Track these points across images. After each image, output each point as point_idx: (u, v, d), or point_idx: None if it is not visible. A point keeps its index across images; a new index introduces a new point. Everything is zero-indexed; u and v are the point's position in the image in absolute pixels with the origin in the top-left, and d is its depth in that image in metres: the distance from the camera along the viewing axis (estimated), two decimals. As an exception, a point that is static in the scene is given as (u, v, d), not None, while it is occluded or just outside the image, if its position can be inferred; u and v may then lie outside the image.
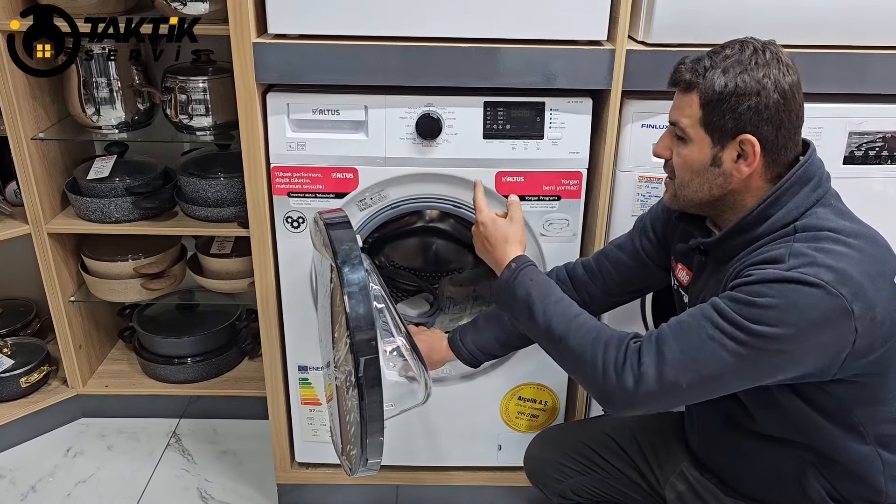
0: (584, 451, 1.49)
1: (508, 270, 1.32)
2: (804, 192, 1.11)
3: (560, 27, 1.45)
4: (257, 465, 2.09)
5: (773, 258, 1.06)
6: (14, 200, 2.09)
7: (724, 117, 1.09)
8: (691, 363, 1.06)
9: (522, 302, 1.26)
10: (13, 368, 2.15)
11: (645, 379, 1.07)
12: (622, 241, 1.45)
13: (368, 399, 1.14)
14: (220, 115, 1.94)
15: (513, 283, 1.29)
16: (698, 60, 1.12)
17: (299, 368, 1.76)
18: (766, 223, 1.11)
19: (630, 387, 1.08)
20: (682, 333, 1.08)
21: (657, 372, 1.07)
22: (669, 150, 1.18)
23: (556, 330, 1.19)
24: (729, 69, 1.08)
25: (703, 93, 1.10)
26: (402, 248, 2.10)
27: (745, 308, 1.04)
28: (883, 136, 1.51)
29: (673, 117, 1.16)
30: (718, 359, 1.05)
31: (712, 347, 1.05)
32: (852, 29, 1.46)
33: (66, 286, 2.11)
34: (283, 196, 1.57)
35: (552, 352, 1.22)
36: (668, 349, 1.08)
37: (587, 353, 1.14)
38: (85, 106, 1.95)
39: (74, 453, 2.14)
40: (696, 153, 1.14)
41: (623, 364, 1.10)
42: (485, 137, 1.52)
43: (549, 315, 1.21)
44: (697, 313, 1.09)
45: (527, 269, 1.31)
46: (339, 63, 1.45)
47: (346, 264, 1.17)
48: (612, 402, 1.12)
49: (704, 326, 1.06)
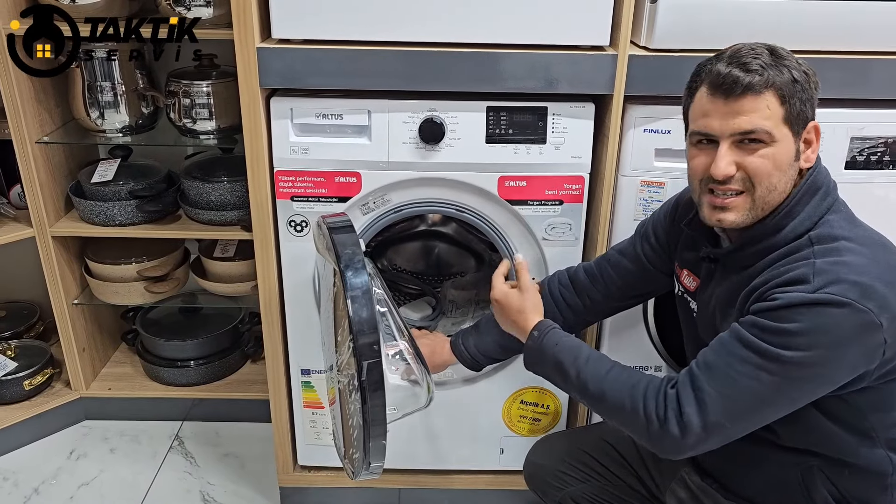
0: (583, 458, 1.49)
1: (532, 339, 1.30)
2: (815, 201, 1.11)
3: (563, 32, 1.45)
4: (260, 468, 2.09)
5: (797, 278, 1.04)
6: (18, 203, 2.09)
7: (804, 106, 1.08)
8: (730, 403, 1.06)
9: (552, 368, 1.26)
10: (16, 371, 2.15)
11: (690, 426, 1.07)
12: (624, 246, 1.45)
13: (371, 403, 1.15)
14: (224, 118, 1.95)
15: (539, 351, 1.28)
16: (745, 64, 1.06)
17: (302, 372, 1.76)
18: (780, 234, 1.11)
19: (677, 435, 1.08)
20: (715, 374, 1.07)
21: (700, 417, 1.06)
22: (734, 165, 1.09)
23: (592, 390, 1.19)
24: (781, 62, 1.07)
25: (782, 87, 1.06)
26: (405, 252, 2.10)
27: (775, 336, 1.03)
28: (885, 141, 1.51)
29: (745, 126, 1.07)
30: (756, 393, 1.05)
31: (747, 383, 1.04)
32: (854, 34, 1.46)
33: (70, 289, 2.12)
34: (287, 200, 1.58)
35: (595, 409, 1.24)
36: (705, 393, 1.07)
37: (627, 407, 1.13)
38: (89, 109, 1.96)
39: (77, 456, 2.14)
40: (784, 150, 1.08)
41: (665, 413, 1.09)
42: (487, 142, 1.52)
43: (582, 377, 1.20)
44: (723, 350, 1.07)
45: (549, 334, 1.29)
46: (343, 68, 1.46)
47: (349, 268, 1.18)
48: (663, 451, 1.12)
49: (734, 364, 1.05)
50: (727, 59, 1.09)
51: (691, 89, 1.15)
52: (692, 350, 1.36)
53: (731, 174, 1.09)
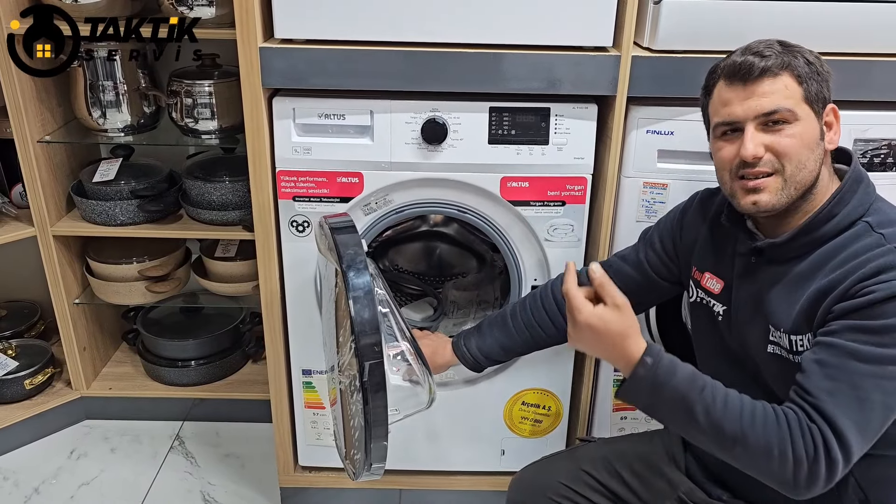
0: (563, 492, 1.41)
1: (644, 368, 1.09)
2: (862, 188, 1.12)
3: (566, 33, 1.45)
4: (260, 468, 2.09)
5: (886, 266, 1.01)
6: (20, 203, 2.09)
7: (822, 86, 1.11)
8: (867, 425, 1.01)
9: (674, 403, 1.08)
10: (17, 370, 2.15)
11: (836, 464, 1.00)
12: (627, 253, 1.44)
13: (373, 403, 1.14)
14: (226, 118, 1.94)
15: (655, 382, 1.09)
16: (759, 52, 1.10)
17: (303, 372, 1.76)
18: (832, 221, 1.10)
19: (823, 475, 1.00)
20: (841, 402, 1.00)
21: (844, 454, 1.00)
22: (762, 147, 1.10)
23: (728, 431, 1.04)
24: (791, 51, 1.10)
25: (798, 68, 1.09)
26: (407, 253, 2.10)
27: (884, 336, 0.99)
28: (888, 143, 1.51)
29: (767, 106, 1.08)
30: (886, 405, 1.01)
31: (876, 398, 1.00)
32: (857, 36, 1.46)
33: (71, 288, 2.12)
34: (289, 200, 1.58)
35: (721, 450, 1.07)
36: (842, 425, 0.99)
37: (775, 450, 1.01)
38: (91, 109, 1.96)
39: (78, 455, 2.14)
40: (809, 128, 1.10)
41: (815, 455, 1.00)
42: (490, 143, 1.52)
43: (714, 416, 1.05)
44: (837, 373, 1.01)
45: (663, 362, 1.10)
46: (345, 68, 1.46)
47: (351, 268, 1.17)
48: (805, 493, 1.03)
49: (856, 383, 1.00)
50: (741, 51, 1.12)
51: (708, 88, 1.18)
52: (709, 355, 1.33)
53: (760, 155, 1.10)
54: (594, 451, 1.46)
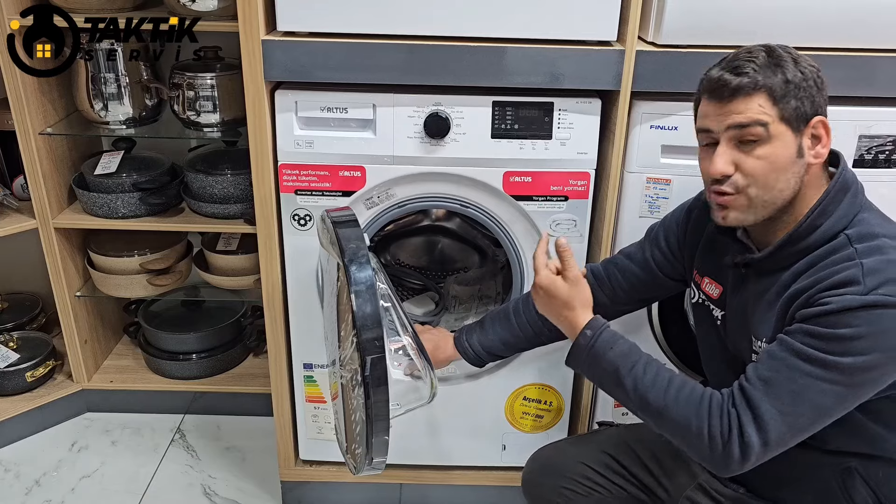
0: (584, 471, 1.44)
1: (583, 338, 1.22)
2: (847, 199, 1.10)
3: (569, 27, 1.44)
4: (261, 461, 2.10)
5: (847, 280, 1.03)
6: (21, 195, 2.09)
7: (803, 103, 1.07)
8: (792, 418, 1.04)
9: (606, 374, 1.19)
10: (19, 363, 2.15)
11: (751, 447, 1.05)
12: (632, 250, 1.44)
13: (374, 398, 1.14)
14: (228, 111, 1.94)
15: (591, 354, 1.21)
16: (737, 67, 1.08)
17: (304, 366, 1.76)
18: (815, 234, 1.10)
19: (737, 456, 1.06)
20: (774, 390, 1.05)
21: (760, 438, 1.05)
22: (733, 164, 1.10)
23: (652, 403, 1.13)
24: (781, 62, 1.07)
25: (774, 87, 1.06)
26: (408, 247, 2.10)
27: (831, 343, 1.01)
28: (893, 139, 1.50)
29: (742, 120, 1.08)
30: (818, 404, 1.03)
31: (810, 396, 1.03)
32: (862, 31, 1.45)
33: (73, 281, 2.12)
34: (291, 194, 1.57)
35: (649, 420, 1.17)
36: (765, 411, 1.04)
37: (692, 425, 1.09)
38: (93, 101, 1.95)
39: (79, 448, 2.14)
40: (781, 149, 1.08)
41: (729, 434, 1.06)
42: (493, 137, 1.52)
43: (640, 389, 1.14)
44: (779, 365, 1.05)
45: (603, 334, 1.21)
46: (348, 61, 1.45)
47: (353, 263, 1.17)
48: (722, 471, 1.09)
49: (794, 377, 1.03)
50: (722, 64, 1.11)
51: (697, 98, 1.17)
52: (711, 356, 1.34)
53: (727, 172, 1.10)
54: (615, 435, 1.48)
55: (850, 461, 1.16)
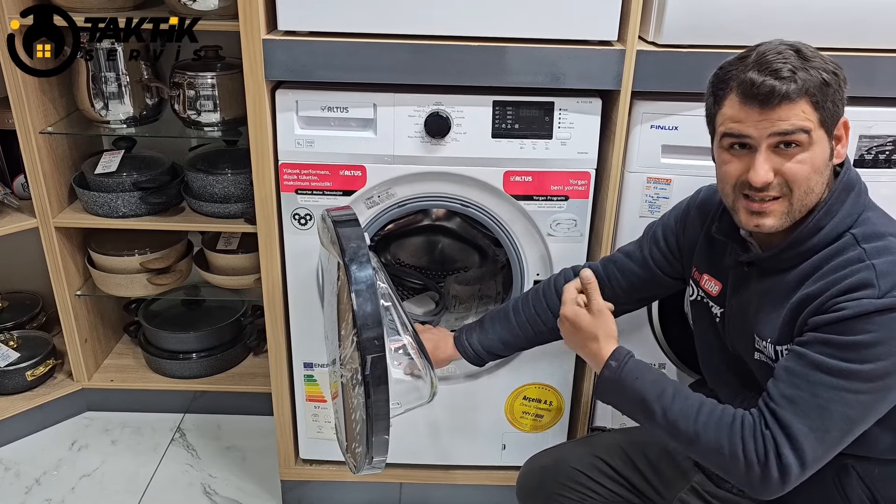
0: (577, 477, 1.43)
1: (609, 370, 1.20)
2: (851, 198, 1.09)
3: (570, 27, 1.44)
4: (261, 461, 2.10)
5: (861, 283, 1.02)
6: (22, 194, 2.09)
7: (835, 106, 1.06)
8: (823, 434, 1.03)
9: (634, 404, 1.18)
10: (19, 361, 2.15)
11: (789, 469, 1.03)
12: (631, 248, 1.44)
13: (375, 397, 1.14)
14: (229, 111, 1.94)
15: (618, 384, 1.19)
16: (777, 70, 1.03)
17: (305, 365, 1.76)
18: (820, 234, 1.09)
19: (776, 479, 1.04)
20: (800, 409, 1.03)
21: (798, 459, 1.03)
22: (773, 172, 1.07)
23: (684, 431, 1.11)
24: (809, 63, 1.04)
25: (813, 93, 1.03)
26: (409, 247, 2.10)
27: (850, 352, 1.00)
28: (893, 139, 1.50)
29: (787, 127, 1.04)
30: (846, 416, 1.02)
31: (836, 408, 1.02)
32: (862, 32, 1.45)
33: (73, 280, 2.12)
34: (291, 193, 1.57)
35: (682, 447, 1.15)
36: (797, 431, 1.03)
37: (725, 451, 1.07)
38: (93, 100, 1.95)
39: (79, 447, 2.14)
40: (820, 153, 1.06)
41: (766, 456, 1.04)
42: (493, 137, 1.52)
43: (670, 417, 1.12)
44: (801, 381, 1.04)
45: (628, 364, 1.19)
46: (349, 61, 1.45)
47: (353, 262, 1.17)
48: (762, 494, 1.07)
49: (817, 392, 1.02)
50: (756, 65, 1.05)
51: (718, 96, 1.11)
52: (709, 354, 1.34)
53: (770, 181, 1.07)
54: (608, 439, 1.47)
55: (846, 460, 1.15)
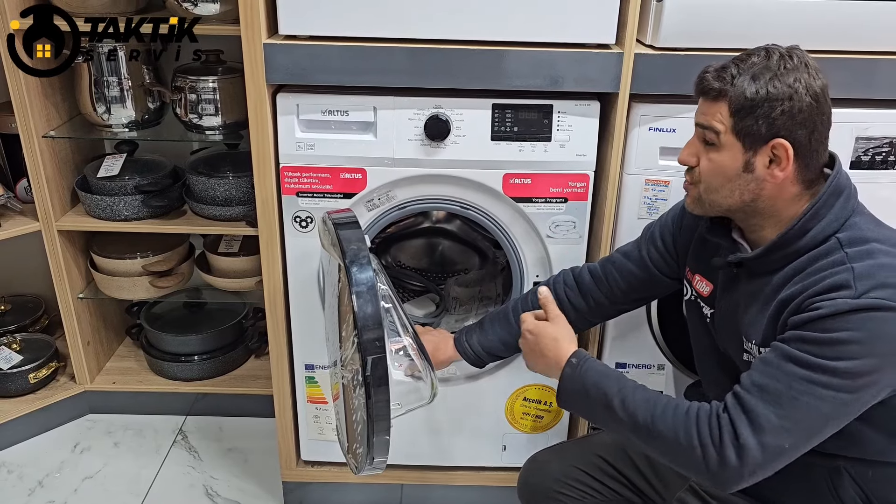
0: (577, 475, 1.44)
1: (570, 367, 1.22)
2: (839, 203, 1.10)
3: (568, 30, 1.45)
4: (263, 462, 2.10)
5: (838, 284, 1.03)
6: (24, 197, 2.10)
7: (758, 122, 1.08)
8: (790, 425, 1.03)
9: (595, 398, 1.18)
10: (21, 364, 2.16)
11: (748, 451, 1.03)
12: (628, 249, 1.45)
13: (375, 398, 1.15)
14: (230, 114, 1.95)
15: (580, 380, 1.21)
16: (724, 69, 1.10)
17: (306, 367, 1.77)
18: (806, 237, 1.10)
19: (734, 462, 1.04)
20: (769, 397, 1.04)
21: (758, 442, 1.03)
22: (696, 157, 1.16)
23: (641, 420, 1.12)
24: (758, 76, 1.07)
25: (734, 100, 1.08)
26: (409, 249, 2.10)
27: (825, 348, 1.01)
28: (890, 141, 1.51)
29: (703, 121, 1.13)
30: (816, 411, 1.03)
31: (806, 402, 1.02)
32: (859, 34, 1.46)
33: (75, 283, 2.13)
34: (292, 196, 1.58)
35: (641, 442, 1.15)
36: (761, 417, 1.03)
37: (681, 436, 1.08)
38: (96, 104, 1.96)
39: (81, 449, 2.15)
40: (728, 159, 1.12)
41: (720, 439, 1.05)
42: (493, 139, 1.53)
43: (629, 406, 1.14)
44: (774, 371, 1.05)
45: (589, 362, 1.22)
46: (349, 64, 1.46)
47: (354, 264, 1.18)
48: (720, 481, 1.07)
49: (790, 383, 1.03)
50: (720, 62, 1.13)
51: None
52: (702, 353, 1.36)
53: (688, 163, 1.18)
54: (608, 438, 1.48)
55: (838, 462, 1.16)
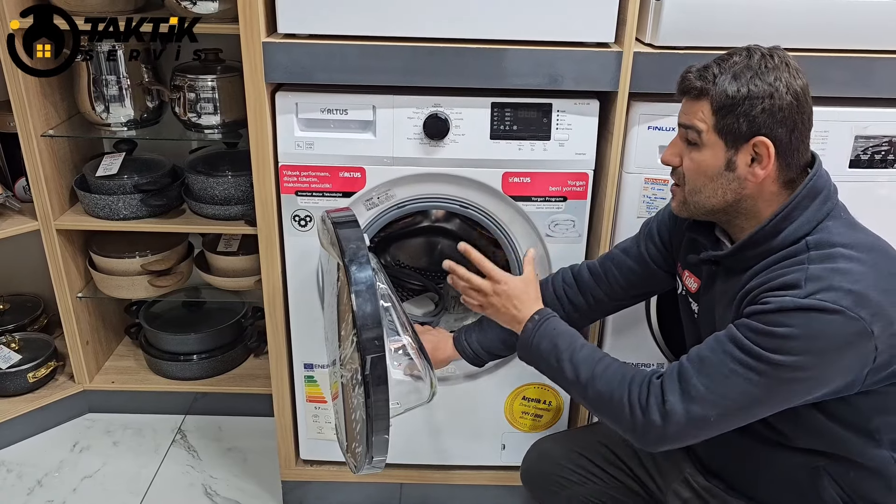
0: (580, 461, 1.48)
1: (532, 322, 1.30)
2: (814, 205, 1.11)
3: (568, 29, 1.45)
4: (262, 462, 2.10)
5: (790, 283, 1.06)
6: (23, 197, 2.10)
7: (738, 121, 1.09)
8: (718, 398, 1.08)
9: (548, 352, 1.26)
10: (20, 363, 2.16)
11: (672, 415, 1.09)
12: (627, 245, 1.45)
13: (374, 397, 1.15)
14: (229, 113, 1.95)
15: (537, 335, 1.28)
16: (706, 68, 1.12)
17: (305, 366, 1.77)
18: (779, 237, 1.11)
19: (658, 423, 1.10)
20: (705, 369, 1.09)
21: (684, 408, 1.09)
22: (679, 157, 1.18)
23: (583, 376, 1.20)
24: (740, 74, 1.09)
25: (715, 98, 1.10)
26: (408, 248, 2.10)
27: (765, 339, 1.04)
28: (889, 139, 1.51)
29: (685, 121, 1.15)
30: (744, 392, 1.07)
31: (736, 381, 1.06)
32: (859, 33, 1.46)
33: (74, 282, 2.13)
34: (291, 195, 1.58)
35: (581, 397, 1.23)
36: (693, 386, 1.09)
37: (615, 394, 1.15)
38: (94, 103, 1.96)
39: (80, 448, 2.15)
40: (710, 158, 1.13)
41: (647, 400, 1.11)
42: (492, 138, 1.53)
43: (575, 362, 1.21)
44: (717, 347, 1.09)
45: (550, 319, 1.30)
46: (348, 63, 1.46)
47: (353, 263, 1.18)
48: (643, 440, 1.14)
49: (726, 361, 1.07)
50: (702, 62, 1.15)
51: None
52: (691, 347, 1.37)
53: (671, 163, 1.20)
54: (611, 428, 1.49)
55: (818, 461, 1.18)
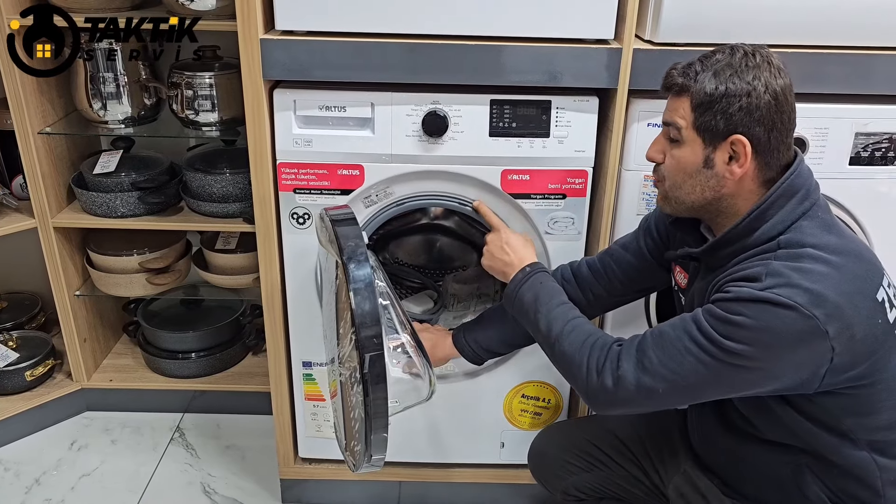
0: (588, 448, 1.50)
1: (522, 273, 1.36)
2: (790, 205, 1.11)
3: (567, 26, 1.45)
4: (261, 460, 2.10)
5: (751, 276, 1.08)
6: (20, 194, 2.09)
7: (716, 118, 1.10)
8: (668, 373, 1.11)
9: (529, 304, 1.31)
10: (18, 362, 2.15)
11: (623, 382, 1.14)
12: (627, 240, 1.45)
13: (373, 395, 1.15)
14: (227, 110, 1.94)
15: (524, 285, 1.34)
16: (689, 66, 1.14)
17: (303, 364, 1.76)
18: (753, 236, 1.13)
19: (609, 387, 1.15)
20: (662, 343, 1.13)
21: (635, 377, 1.13)
22: (662, 154, 1.20)
23: (553, 332, 1.25)
24: (720, 72, 1.10)
25: (695, 95, 1.11)
26: (407, 246, 2.10)
27: (721, 325, 1.07)
28: (889, 136, 1.51)
29: (667, 118, 1.18)
30: (694, 371, 1.10)
31: (689, 360, 1.10)
32: (858, 29, 1.46)
33: (72, 280, 2.12)
34: (289, 192, 1.58)
35: (548, 352, 1.28)
36: (647, 357, 1.13)
37: (576, 355, 1.20)
38: (92, 101, 1.96)
39: (79, 447, 2.15)
40: (689, 154, 1.15)
41: (603, 365, 1.16)
42: (491, 135, 1.52)
43: (550, 318, 1.27)
44: (679, 324, 1.13)
45: (539, 273, 1.35)
46: (346, 60, 1.45)
47: (351, 261, 1.18)
48: (595, 401, 1.19)
49: (683, 338, 1.11)
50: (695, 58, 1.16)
51: None
52: None
53: (654, 159, 1.21)
54: (623, 419, 1.52)
55: (801, 459, 1.19)
